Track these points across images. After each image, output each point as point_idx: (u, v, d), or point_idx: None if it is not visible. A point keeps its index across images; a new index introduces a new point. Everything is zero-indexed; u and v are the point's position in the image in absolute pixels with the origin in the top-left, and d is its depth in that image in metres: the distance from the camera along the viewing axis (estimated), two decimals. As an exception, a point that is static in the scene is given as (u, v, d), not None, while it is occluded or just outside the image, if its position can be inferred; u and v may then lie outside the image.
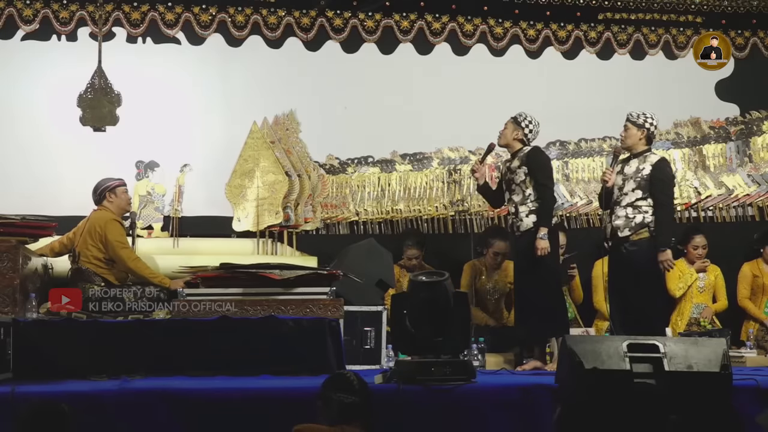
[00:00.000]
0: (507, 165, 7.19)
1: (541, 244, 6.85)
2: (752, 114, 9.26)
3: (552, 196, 7.11)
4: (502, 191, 7.27)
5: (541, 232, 6.88)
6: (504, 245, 8.03)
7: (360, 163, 8.80)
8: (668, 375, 5.06)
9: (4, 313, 6.25)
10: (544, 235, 6.87)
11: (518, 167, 7.03)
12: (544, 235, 6.88)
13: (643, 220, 6.86)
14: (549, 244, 6.87)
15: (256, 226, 8.21)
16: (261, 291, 6.61)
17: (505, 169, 7.20)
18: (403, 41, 8.90)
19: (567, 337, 5.48)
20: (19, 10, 8.31)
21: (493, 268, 8.16)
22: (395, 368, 5.64)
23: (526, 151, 7.08)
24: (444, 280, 5.68)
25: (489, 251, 8.14)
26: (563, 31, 9.12)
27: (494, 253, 8.11)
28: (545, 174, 7.06)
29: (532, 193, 6.99)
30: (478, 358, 6.99)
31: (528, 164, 7.00)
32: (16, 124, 8.30)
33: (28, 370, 5.77)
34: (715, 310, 8.42)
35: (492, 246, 8.11)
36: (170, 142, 8.41)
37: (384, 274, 7.62)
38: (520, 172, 7.02)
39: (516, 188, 7.05)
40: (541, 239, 6.86)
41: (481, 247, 8.23)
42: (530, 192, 6.99)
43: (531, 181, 6.99)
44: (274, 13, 8.68)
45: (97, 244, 7.01)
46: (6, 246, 6.46)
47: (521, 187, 7.02)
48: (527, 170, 6.99)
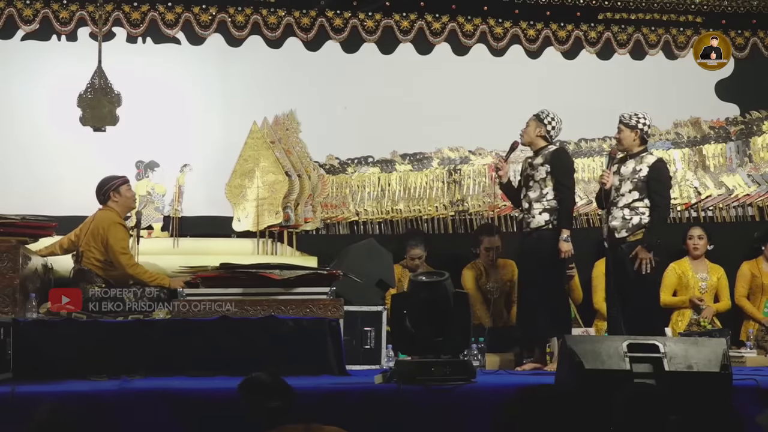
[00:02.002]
0: (529, 161, 7.16)
1: (565, 247, 6.85)
2: (752, 114, 9.27)
3: (573, 198, 7.10)
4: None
5: (564, 234, 6.87)
6: (493, 240, 8.10)
7: (360, 163, 8.80)
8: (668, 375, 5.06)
9: (4, 313, 6.25)
10: (567, 237, 6.87)
11: (541, 164, 7.01)
12: (567, 237, 6.87)
13: (640, 222, 6.87)
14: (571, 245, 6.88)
15: (256, 226, 8.21)
16: (261, 291, 6.61)
17: (527, 164, 7.17)
18: (403, 41, 8.90)
19: (567, 337, 5.48)
20: (19, 10, 8.31)
21: (490, 266, 8.16)
22: (395, 368, 5.63)
23: (551, 150, 7.07)
24: (444, 280, 5.68)
25: (480, 249, 8.15)
26: (563, 31, 9.13)
27: (485, 249, 8.13)
28: (567, 175, 7.04)
29: (550, 192, 6.97)
30: (478, 358, 7.00)
31: (551, 163, 6.98)
32: (16, 124, 8.30)
33: (28, 370, 5.77)
34: (717, 310, 8.41)
35: (482, 243, 8.14)
36: (170, 142, 8.41)
37: (384, 274, 7.62)
38: (542, 169, 7.00)
39: (534, 185, 7.03)
40: (565, 242, 6.85)
41: (474, 248, 8.25)
42: (548, 191, 6.97)
43: (551, 180, 6.97)
44: (274, 13, 8.69)
45: (99, 246, 7.01)
46: (6, 246, 6.46)
47: (540, 185, 7.00)
48: (549, 169, 6.97)
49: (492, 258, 8.14)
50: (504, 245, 8.16)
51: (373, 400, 5.32)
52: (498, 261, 8.17)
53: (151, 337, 6.09)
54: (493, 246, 8.11)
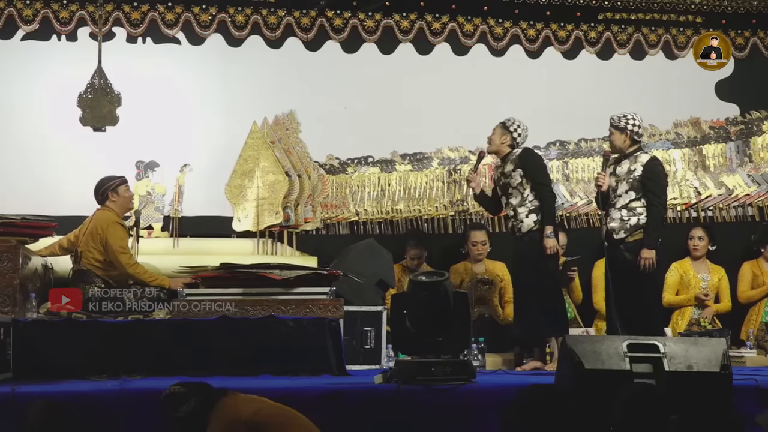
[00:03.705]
0: (500, 171, 7.18)
1: (549, 243, 6.87)
2: (752, 114, 9.26)
3: (552, 194, 7.13)
4: (498, 197, 7.27)
5: (547, 231, 6.89)
6: (479, 234, 8.14)
7: (360, 163, 8.80)
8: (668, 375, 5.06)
9: (4, 313, 6.25)
10: (551, 233, 6.89)
11: (512, 171, 7.04)
12: (550, 233, 6.89)
13: (637, 222, 6.88)
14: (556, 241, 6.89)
15: (256, 226, 8.21)
16: (261, 291, 6.61)
17: (499, 174, 7.20)
18: (403, 41, 8.90)
19: (567, 337, 5.48)
20: (19, 10, 8.31)
21: (476, 261, 8.16)
22: (395, 368, 5.63)
23: (518, 154, 7.09)
24: (444, 280, 5.68)
25: (468, 245, 8.17)
26: (563, 31, 9.12)
27: (472, 243, 8.14)
28: (541, 173, 7.11)
29: (530, 193, 7.00)
30: (478, 358, 7.00)
31: (522, 166, 7.02)
32: (16, 124, 8.30)
33: (28, 370, 5.77)
34: (718, 310, 8.41)
35: (469, 238, 8.16)
36: (170, 142, 8.41)
37: (384, 274, 7.63)
38: (515, 174, 7.02)
39: (513, 191, 7.05)
40: (549, 237, 6.88)
41: (464, 248, 8.26)
42: (528, 193, 7.00)
43: (528, 182, 7.00)
44: (274, 13, 8.68)
45: (98, 246, 7.01)
46: (6, 246, 6.46)
47: (518, 190, 7.03)
48: (522, 172, 7.01)
49: (479, 253, 8.14)
50: (496, 246, 8.15)
51: (373, 400, 5.32)
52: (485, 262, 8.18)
53: (151, 337, 6.09)
54: (480, 240, 8.12)
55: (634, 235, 6.87)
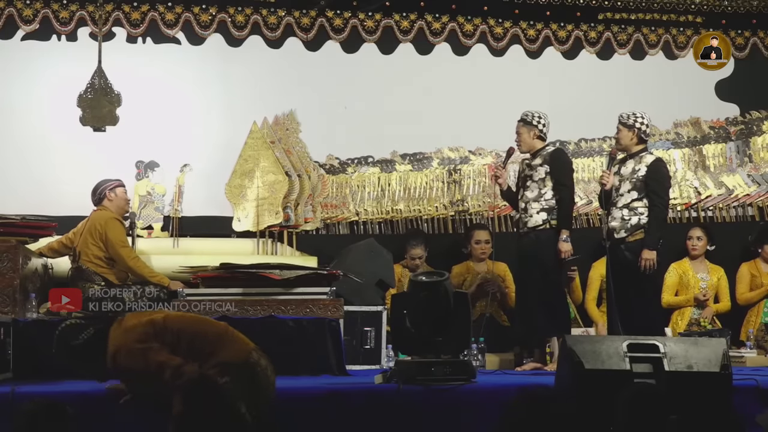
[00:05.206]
0: (526, 162, 7.16)
1: (565, 247, 6.86)
2: (752, 114, 9.26)
3: (572, 198, 7.12)
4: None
5: (563, 235, 6.88)
6: (483, 233, 8.17)
7: (360, 163, 8.79)
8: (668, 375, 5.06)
9: (4, 313, 6.26)
10: (567, 238, 6.88)
11: (539, 165, 7.01)
12: (567, 237, 6.88)
13: (638, 222, 6.87)
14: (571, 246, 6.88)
15: (256, 226, 8.21)
16: (261, 291, 6.62)
17: (524, 165, 7.18)
18: (403, 41, 8.90)
19: (567, 337, 5.48)
20: (19, 10, 8.31)
21: (479, 260, 8.16)
22: (395, 368, 5.64)
23: (550, 151, 7.08)
24: (444, 280, 5.69)
25: (471, 244, 8.17)
26: (563, 31, 9.12)
27: (476, 242, 8.15)
28: (567, 175, 7.07)
29: (548, 192, 6.97)
30: (478, 358, 7.00)
31: (551, 164, 6.99)
32: (16, 124, 8.30)
33: (28, 370, 5.77)
34: (717, 311, 8.42)
35: (472, 237, 8.18)
36: (170, 142, 8.40)
37: (384, 274, 7.63)
38: (541, 170, 7.00)
39: (532, 185, 7.02)
40: (564, 242, 6.87)
41: (466, 248, 8.26)
42: (546, 191, 6.98)
43: (551, 180, 6.97)
44: (274, 13, 8.68)
45: (97, 242, 7.01)
46: (6, 246, 6.47)
47: (538, 185, 7.00)
48: (549, 169, 6.98)
49: (482, 251, 8.15)
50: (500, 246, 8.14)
51: (373, 400, 5.32)
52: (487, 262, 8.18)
53: (151, 337, 6.08)
54: (483, 239, 8.12)
55: (635, 234, 6.87)
